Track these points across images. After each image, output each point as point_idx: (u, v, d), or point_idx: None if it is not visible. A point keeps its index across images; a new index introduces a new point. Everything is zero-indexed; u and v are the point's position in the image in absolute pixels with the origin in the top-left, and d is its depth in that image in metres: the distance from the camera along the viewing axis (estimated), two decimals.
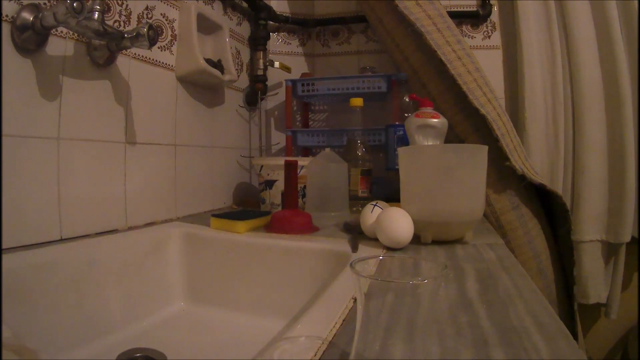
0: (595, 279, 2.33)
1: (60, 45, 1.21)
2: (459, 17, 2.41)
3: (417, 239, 1.28)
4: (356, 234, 1.37)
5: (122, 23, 1.42)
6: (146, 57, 1.53)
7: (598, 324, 2.57)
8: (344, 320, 0.73)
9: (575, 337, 2.05)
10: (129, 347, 1.07)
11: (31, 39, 1.11)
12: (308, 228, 1.51)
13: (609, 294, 2.38)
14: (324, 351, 0.62)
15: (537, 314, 0.79)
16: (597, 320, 2.56)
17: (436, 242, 1.27)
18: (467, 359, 0.60)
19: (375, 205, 1.34)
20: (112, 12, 1.38)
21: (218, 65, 1.85)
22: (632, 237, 2.30)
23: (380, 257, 0.61)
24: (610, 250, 2.35)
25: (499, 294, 0.85)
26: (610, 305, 2.38)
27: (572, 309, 2.06)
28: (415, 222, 1.22)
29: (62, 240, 1.21)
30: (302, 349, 0.62)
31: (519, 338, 0.67)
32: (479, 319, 0.74)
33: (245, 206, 2.07)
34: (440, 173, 1.26)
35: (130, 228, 1.44)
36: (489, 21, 2.46)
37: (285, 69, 2.39)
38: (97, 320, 1.13)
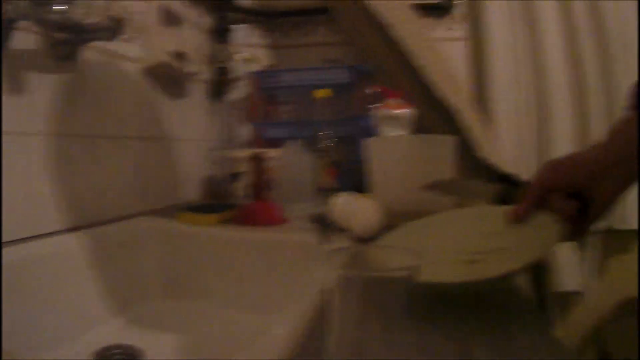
0: (570, 267, 2.37)
1: (22, 39, 1.20)
2: (424, 9, 2.41)
3: (387, 229, 1.28)
4: (325, 225, 1.37)
5: (84, 16, 1.41)
6: (109, 50, 1.53)
7: (572, 311, 2.61)
8: (317, 313, 0.74)
9: (550, 324, 2.08)
10: (107, 344, 1.08)
11: None
12: (276, 220, 1.52)
13: (583, 282, 2.41)
14: (299, 345, 0.64)
15: (514, 301, 0.81)
16: (572, 307, 2.60)
17: None
18: (445, 348, 0.62)
19: (343, 196, 1.36)
20: (74, 4, 1.37)
21: (181, 57, 1.84)
22: (605, 226, 2.33)
23: (351, 248, 0.61)
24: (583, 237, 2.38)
25: None
26: (585, 293, 2.41)
27: (546, 296, 2.08)
28: (384, 212, 1.24)
29: (32, 237, 1.20)
30: (276, 344, 0.63)
31: (495, 325, 0.70)
32: (454, 309, 0.77)
33: (213, 199, 2.07)
34: (408, 163, 1.28)
35: (101, 223, 1.43)
36: (453, 13, 2.48)
37: (249, 60, 2.38)
38: (73, 319, 1.14)
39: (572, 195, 0.91)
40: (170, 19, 1.85)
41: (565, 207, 0.88)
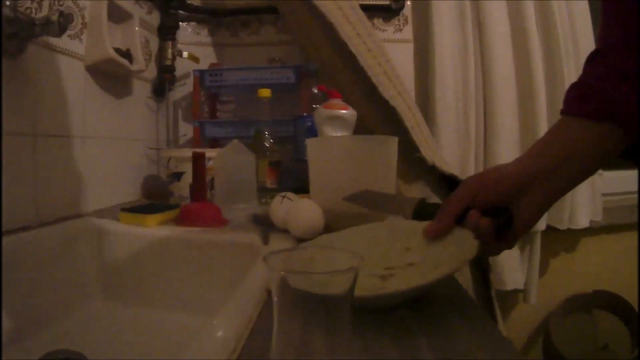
0: (511, 266, 2.43)
1: None
2: (371, 10, 2.44)
3: (329, 230, 1.28)
4: (266, 226, 1.38)
5: (33, 10, 1.38)
6: (56, 46, 1.50)
7: (517, 309, 2.68)
8: (259, 314, 0.75)
9: (495, 322, 2.12)
10: (47, 350, 1.04)
11: None
12: (218, 221, 1.52)
13: (526, 280, 2.48)
14: (243, 347, 0.64)
15: (457, 301, 0.82)
16: (516, 305, 2.65)
17: None
18: (391, 350, 0.63)
19: (284, 196, 1.37)
20: None
21: (127, 54, 1.84)
22: (548, 226, 2.41)
23: (293, 249, 0.61)
24: (525, 238, 2.47)
25: None
26: (529, 291, 2.49)
27: (489, 295, 2.12)
28: (326, 213, 1.25)
29: None
30: (221, 346, 0.63)
31: (440, 326, 0.71)
32: (398, 309, 0.77)
33: (154, 199, 2.04)
34: (350, 164, 1.29)
35: (43, 224, 1.40)
36: (401, 15, 2.51)
37: (194, 59, 2.39)
38: (11, 324, 1.12)
39: (499, 209, 0.92)
40: (118, 15, 1.84)
41: (480, 225, 0.88)
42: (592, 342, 2.81)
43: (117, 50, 1.76)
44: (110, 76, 1.85)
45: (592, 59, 0.90)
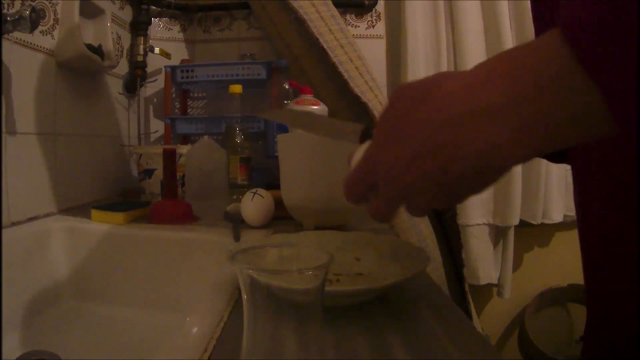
0: (485, 261, 2.47)
1: None
2: (344, 7, 2.46)
3: (300, 226, 1.32)
4: (237, 222, 1.39)
5: (5, 6, 1.36)
6: (27, 42, 1.50)
7: (491, 304, 2.70)
8: (231, 312, 0.76)
9: (469, 317, 2.13)
10: (21, 352, 1.03)
11: None
12: (188, 218, 1.54)
13: (500, 274, 2.52)
14: (214, 346, 0.65)
15: (430, 297, 0.83)
16: (491, 300, 2.68)
17: (319, 229, 1.23)
18: (363, 347, 0.64)
19: (255, 193, 1.38)
20: None
21: (98, 50, 1.83)
22: (521, 221, 2.46)
23: (260, 247, 0.60)
24: (498, 233, 2.51)
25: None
26: (503, 285, 2.54)
27: (463, 290, 2.14)
28: (296, 209, 1.29)
29: None
30: (193, 345, 0.64)
31: (414, 323, 0.72)
32: (371, 306, 0.78)
33: (125, 196, 2.06)
34: (320, 159, 1.29)
35: (14, 223, 1.40)
36: (374, 11, 2.52)
37: (165, 55, 2.39)
38: None
39: None
40: (90, 10, 1.84)
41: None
42: (567, 335, 2.85)
43: (89, 46, 1.75)
44: (82, 72, 1.84)
45: None
